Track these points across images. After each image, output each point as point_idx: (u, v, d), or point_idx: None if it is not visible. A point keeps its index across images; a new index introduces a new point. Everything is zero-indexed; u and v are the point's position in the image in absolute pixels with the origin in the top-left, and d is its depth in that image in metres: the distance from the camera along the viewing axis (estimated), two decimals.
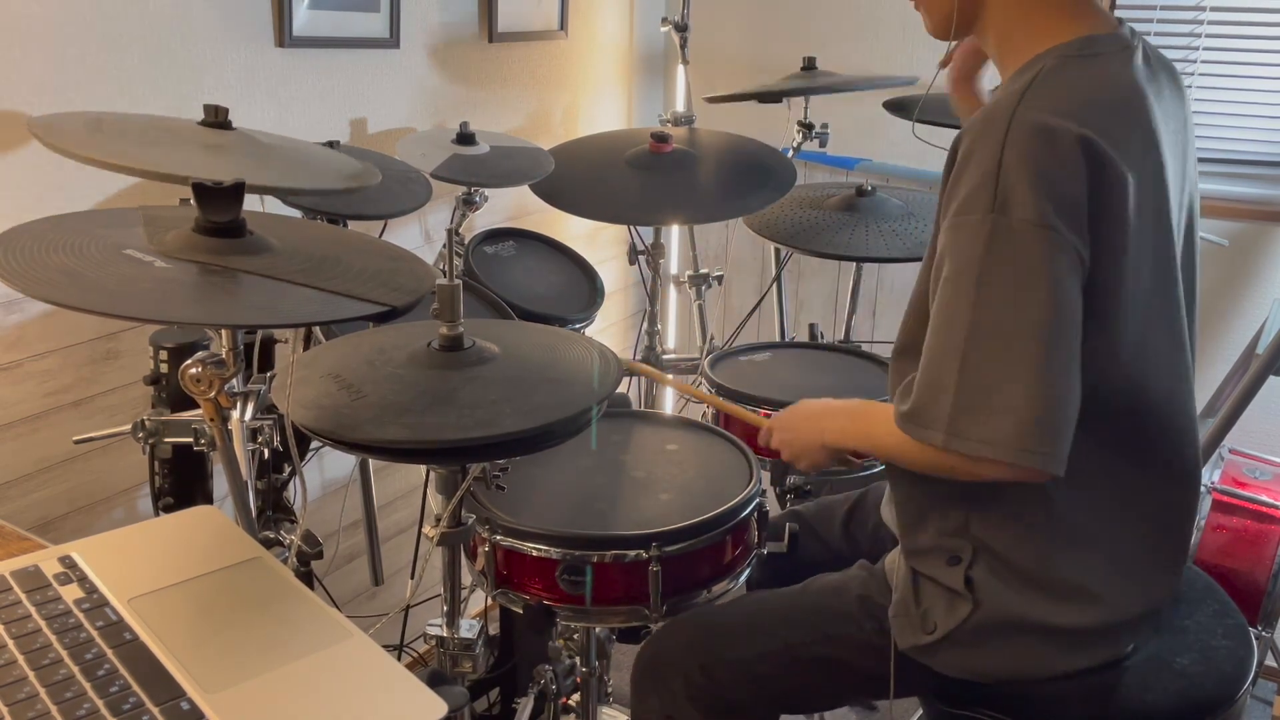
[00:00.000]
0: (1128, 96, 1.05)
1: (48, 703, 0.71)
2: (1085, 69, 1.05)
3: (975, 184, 1.01)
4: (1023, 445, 0.99)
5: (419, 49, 2.04)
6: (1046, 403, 0.99)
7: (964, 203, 1.02)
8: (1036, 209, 0.98)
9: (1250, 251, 2.29)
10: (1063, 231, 0.99)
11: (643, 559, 1.25)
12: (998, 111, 1.02)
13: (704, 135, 2.07)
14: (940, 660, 1.19)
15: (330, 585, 2.02)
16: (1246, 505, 1.82)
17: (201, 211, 1.01)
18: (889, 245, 1.92)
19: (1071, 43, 1.07)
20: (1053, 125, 0.99)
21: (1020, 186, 0.98)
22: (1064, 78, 1.04)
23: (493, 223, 2.24)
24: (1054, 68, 1.05)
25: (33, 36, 1.42)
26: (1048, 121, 0.99)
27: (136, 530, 0.93)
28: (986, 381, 1.00)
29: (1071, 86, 1.03)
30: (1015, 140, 0.99)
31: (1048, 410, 0.99)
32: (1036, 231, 0.98)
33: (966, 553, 1.16)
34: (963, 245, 1.02)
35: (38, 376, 1.50)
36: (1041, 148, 0.99)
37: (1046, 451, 0.99)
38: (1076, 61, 1.06)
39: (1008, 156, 0.99)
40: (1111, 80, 1.06)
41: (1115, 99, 1.04)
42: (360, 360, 1.15)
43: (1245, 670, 1.19)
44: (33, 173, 1.45)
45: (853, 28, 2.59)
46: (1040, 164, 0.98)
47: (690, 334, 2.91)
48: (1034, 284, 0.99)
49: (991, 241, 1.00)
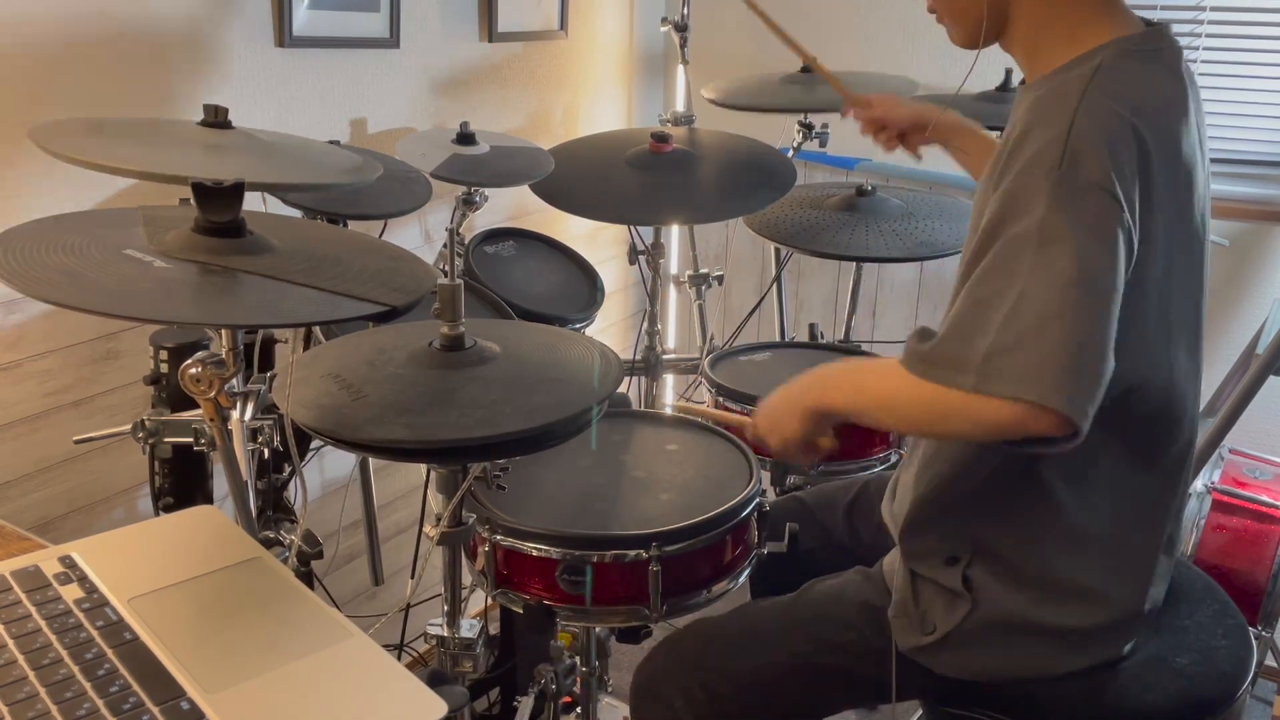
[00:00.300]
0: (1180, 97, 1.06)
1: (48, 703, 0.71)
2: (1143, 65, 1.06)
3: (1043, 145, 0.99)
4: (1063, 389, 0.94)
5: (419, 49, 2.04)
6: (1086, 351, 0.95)
7: (1030, 163, 1.00)
8: (1106, 176, 0.97)
9: (1250, 251, 2.29)
10: (1124, 206, 0.98)
11: (643, 559, 1.25)
12: (1068, 88, 1.02)
13: (704, 135, 2.07)
14: (940, 661, 1.19)
15: (330, 585, 2.02)
16: (1246, 505, 1.82)
17: (201, 211, 1.01)
18: (889, 245, 1.92)
19: (1131, 36, 1.07)
20: (1119, 107, 1.00)
21: (1091, 151, 0.97)
22: (1126, 71, 1.04)
23: (493, 223, 2.24)
24: (1115, 59, 1.05)
25: (33, 37, 1.42)
26: (1115, 103, 1.00)
27: (136, 530, 0.93)
28: (1031, 327, 0.95)
29: (1132, 80, 1.04)
30: (1089, 110, 0.99)
31: (1086, 358, 0.95)
32: (1102, 195, 0.97)
33: (965, 553, 1.16)
34: (1028, 200, 0.99)
35: (38, 376, 1.50)
36: (1114, 123, 0.99)
37: (1076, 396, 0.94)
38: (1136, 56, 1.06)
39: (1079, 121, 0.98)
40: (1167, 79, 1.07)
41: (1169, 99, 1.05)
42: (360, 360, 1.15)
43: (1245, 670, 1.19)
44: (33, 173, 1.45)
45: (853, 28, 2.59)
46: (1114, 139, 0.98)
47: (690, 334, 2.91)
48: (1094, 243, 0.96)
49: (1056, 195, 0.97)
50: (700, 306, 2.35)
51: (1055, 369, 0.94)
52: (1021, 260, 0.98)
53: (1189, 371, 1.13)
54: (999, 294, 0.98)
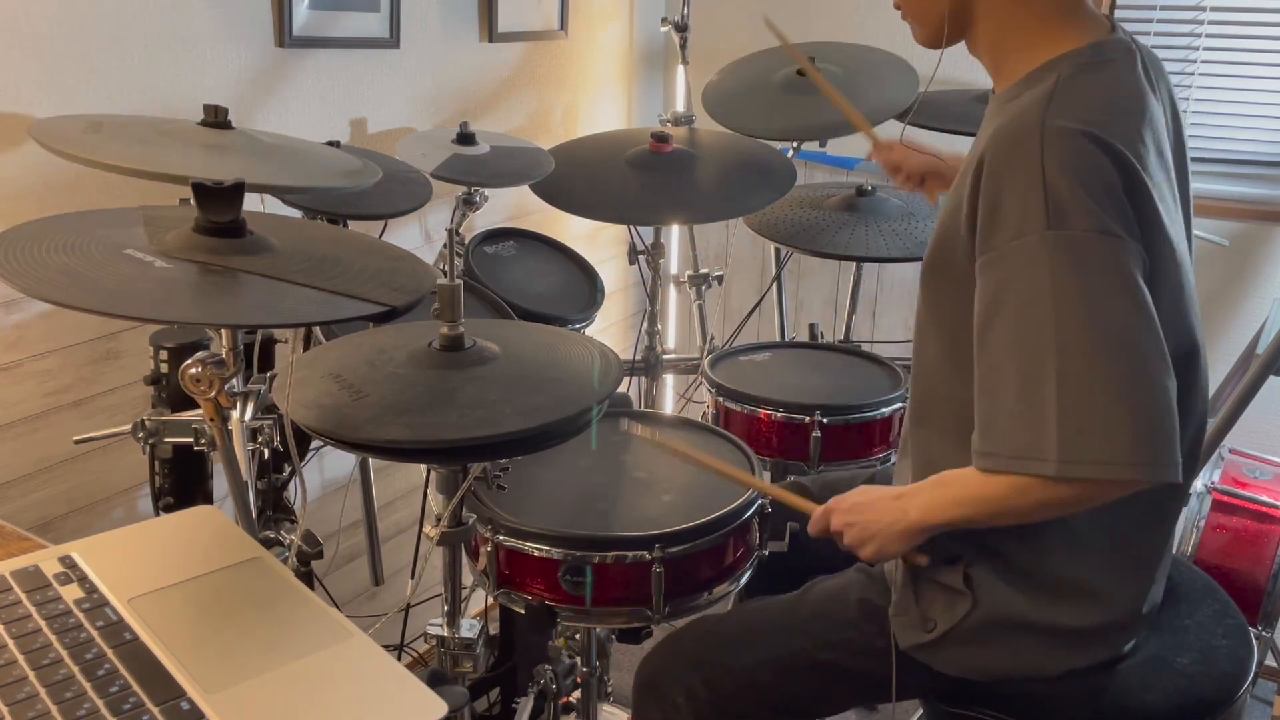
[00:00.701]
0: (1139, 103, 1.05)
1: (48, 703, 0.71)
2: (1100, 76, 1.05)
3: (1022, 206, 0.98)
4: (1142, 458, 0.95)
5: (419, 49, 2.04)
6: (1154, 409, 0.96)
7: (1015, 228, 0.98)
8: (1095, 216, 0.96)
9: (1250, 251, 2.29)
10: (1122, 234, 0.97)
11: (645, 560, 1.25)
12: (1026, 129, 1.00)
13: (704, 135, 2.07)
14: (940, 659, 1.19)
15: (330, 585, 2.02)
16: (1246, 505, 1.82)
17: (201, 211, 1.01)
18: (889, 245, 1.92)
19: (1083, 49, 1.06)
20: (1084, 132, 0.98)
21: (1072, 198, 0.96)
22: (1083, 86, 1.03)
23: (493, 223, 2.24)
24: (1071, 76, 1.04)
25: (33, 37, 1.42)
26: (1079, 129, 0.98)
27: (136, 530, 0.93)
28: (1089, 401, 0.96)
29: (1091, 95, 1.02)
30: (1054, 151, 0.97)
31: (1157, 416, 0.96)
32: (1100, 239, 0.96)
33: (965, 552, 1.16)
34: (1025, 268, 0.98)
35: (38, 376, 1.50)
36: (1082, 156, 0.97)
37: (1165, 460, 0.96)
38: (1091, 69, 1.05)
39: (1050, 170, 0.97)
40: (1124, 87, 1.05)
41: (1130, 106, 1.04)
42: (361, 360, 1.15)
43: (1245, 670, 1.19)
44: (33, 173, 1.45)
45: (853, 27, 2.59)
46: (1085, 171, 0.97)
47: (690, 334, 2.91)
48: (1111, 291, 0.96)
49: (1057, 258, 0.97)
50: (700, 306, 2.35)
51: (1135, 444, 0.95)
52: (1043, 334, 0.97)
53: (1191, 373, 1.13)
54: (1039, 375, 0.97)
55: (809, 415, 1.70)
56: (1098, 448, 0.96)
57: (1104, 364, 0.96)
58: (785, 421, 1.73)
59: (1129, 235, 0.98)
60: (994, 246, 1.01)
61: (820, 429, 1.70)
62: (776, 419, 1.73)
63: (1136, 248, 0.98)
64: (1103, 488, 0.98)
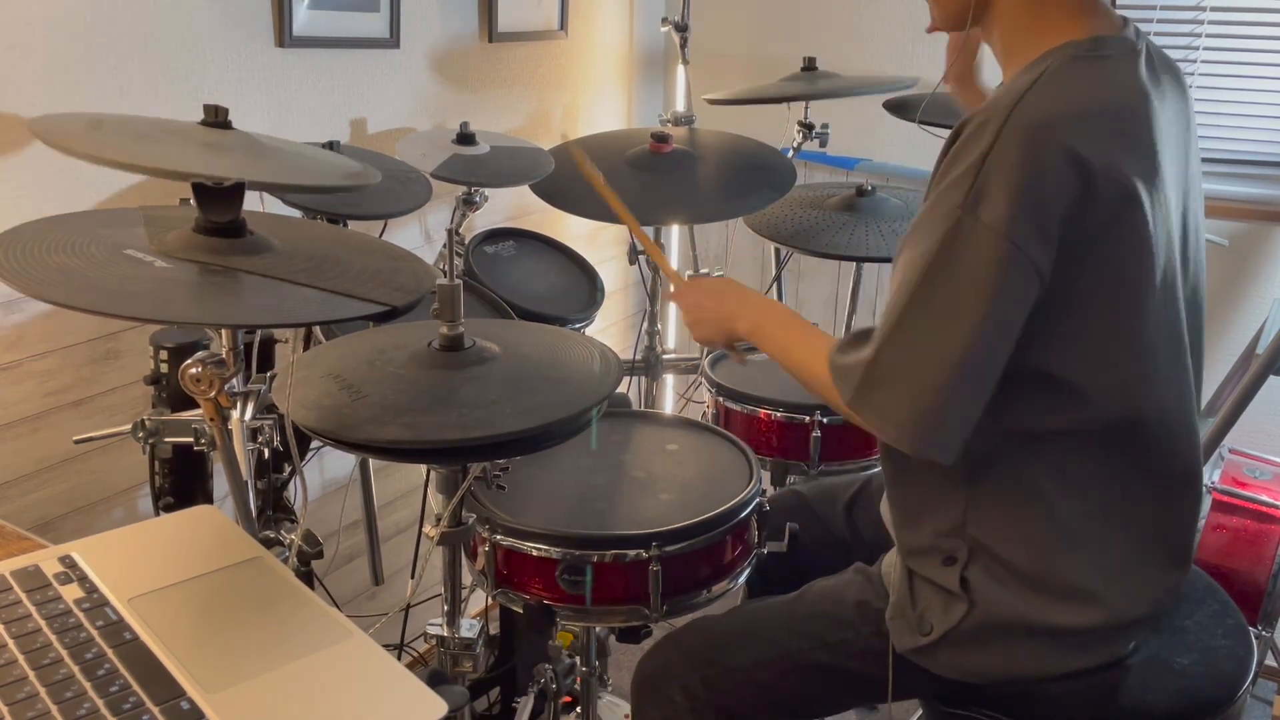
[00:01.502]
0: (1130, 102, 1.04)
1: (48, 702, 0.71)
2: (1091, 71, 1.04)
3: (957, 176, 1.01)
4: (912, 433, 1.04)
5: (419, 49, 2.04)
6: (947, 401, 1.03)
7: (944, 191, 1.02)
8: (1005, 217, 0.98)
9: (1250, 251, 2.29)
10: (1024, 247, 0.98)
11: (643, 559, 1.25)
12: (997, 107, 1.01)
13: (704, 135, 2.07)
14: (938, 662, 1.18)
15: (330, 585, 2.02)
16: (1246, 505, 1.82)
17: (201, 211, 1.01)
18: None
19: (1081, 42, 1.06)
20: (1046, 130, 0.98)
21: (997, 190, 0.98)
22: (1068, 79, 1.03)
23: (493, 223, 2.24)
24: (1059, 68, 1.03)
25: (33, 36, 1.42)
26: (1041, 125, 0.98)
27: (136, 530, 0.93)
28: (900, 364, 1.04)
29: (1074, 89, 1.02)
30: (1006, 140, 0.98)
31: (945, 408, 1.03)
32: (996, 240, 0.98)
33: (962, 553, 1.16)
34: (927, 230, 1.03)
35: (38, 376, 1.50)
36: (1030, 154, 0.98)
37: (933, 444, 1.04)
38: (1083, 63, 1.04)
39: (993, 158, 0.98)
40: (1115, 85, 1.04)
41: (1118, 105, 1.03)
42: (361, 360, 1.15)
43: (1245, 670, 1.19)
44: (33, 173, 1.45)
45: (853, 28, 2.59)
46: (1024, 170, 0.97)
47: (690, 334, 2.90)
48: (975, 288, 1.00)
49: (951, 237, 1.00)
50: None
51: (909, 418, 1.04)
52: (904, 292, 1.04)
53: (1181, 376, 1.13)
54: (887, 322, 1.06)
55: (809, 415, 1.70)
56: (882, 403, 1.06)
57: (927, 342, 1.03)
58: (785, 421, 1.73)
59: (1035, 248, 0.99)
60: (929, 196, 1.05)
61: (820, 429, 1.70)
62: (776, 419, 1.73)
63: (1034, 263, 0.99)
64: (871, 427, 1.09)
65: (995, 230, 0.98)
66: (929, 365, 1.03)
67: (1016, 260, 0.99)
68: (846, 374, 1.10)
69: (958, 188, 1.00)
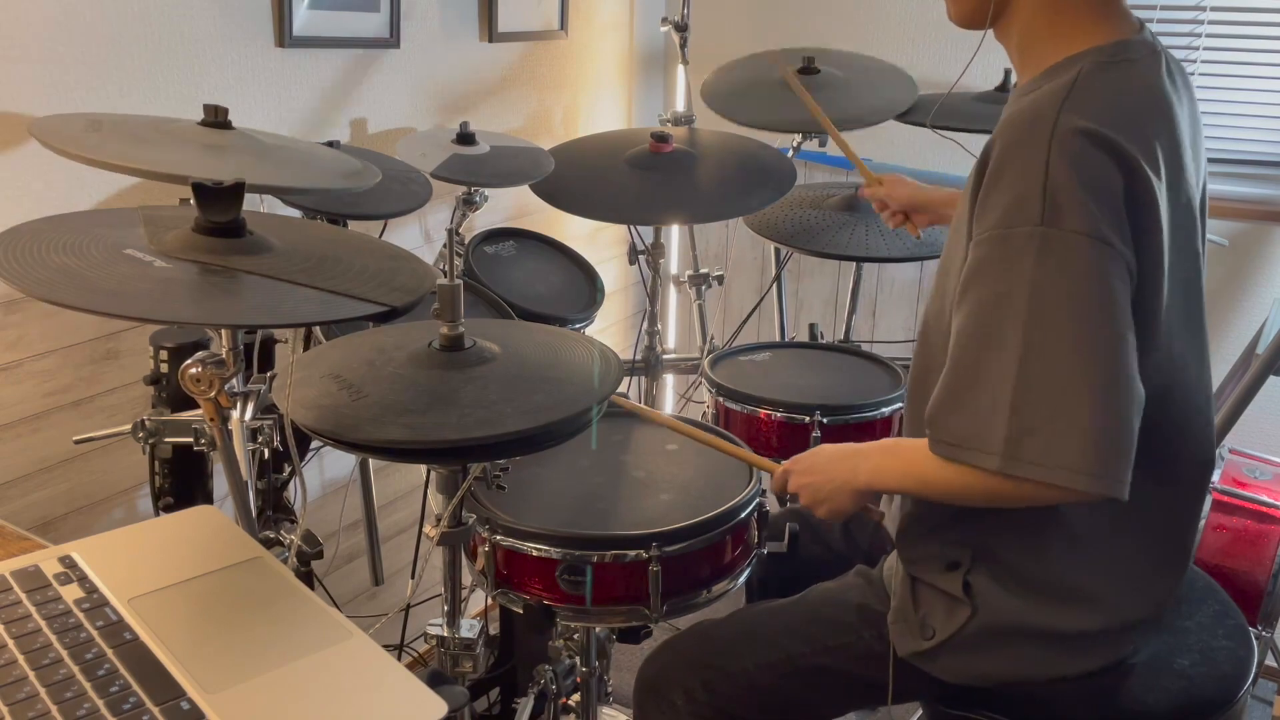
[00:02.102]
0: (1159, 104, 1.04)
1: (48, 702, 0.71)
2: (1121, 75, 1.04)
3: (1019, 194, 0.98)
4: (1087, 469, 0.95)
5: (419, 49, 2.04)
6: (1110, 424, 0.95)
7: (1007, 214, 0.98)
8: (1090, 221, 0.96)
9: (1250, 251, 2.29)
10: (1115, 244, 0.97)
11: (643, 559, 1.25)
12: (1039, 118, 0.99)
13: (704, 135, 2.07)
14: (939, 666, 1.18)
15: (330, 585, 2.02)
16: (1246, 505, 1.82)
17: (201, 211, 1.01)
18: (889, 245, 1.92)
19: (1105, 47, 1.05)
20: (1097, 134, 0.97)
21: (1071, 198, 0.96)
22: (1102, 84, 1.02)
23: (493, 223, 2.24)
24: (1091, 72, 1.03)
25: (33, 36, 1.42)
26: (1092, 130, 0.97)
27: (136, 530, 0.93)
28: (1046, 402, 0.96)
29: (1109, 93, 1.01)
30: (1062, 149, 0.96)
31: (1114, 430, 0.95)
32: (1091, 244, 0.96)
33: (965, 558, 1.16)
34: (1010, 258, 0.98)
35: (38, 376, 1.50)
36: (1089, 157, 0.97)
37: (1112, 475, 0.96)
38: (1113, 67, 1.04)
39: (1055, 166, 0.96)
40: (1145, 88, 1.04)
41: (1149, 107, 1.03)
42: (361, 360, 1.15)
43: (1245, 671, 1.19)
44: (33, 173, 1.45)
45: (853, 28, 2.59)
46: (1090, 174, 0.96)
47: (690, 334, 2.91)
48: (1091, 298, 0.96)
49: (1043, 254, 0.96)
50: (700, 306, 2.35)
51: (1082, 454, 0.95)
52: (1014, 327, 0.97)
53: (1198, 389, 1.12)
54: (1003, 367, 0.97)
55: (809, 415, 1.70)
56: (1044, 450, 0.96)
57: (1067, 369, 0.96)
58: (785, 421, 1.72)
59: (1121, 244, 0.97)
60: (987, 227, 1.00)
61: (820, 429, 1.70)
62: (776, 419, 1.73)
63: (1125, 258, 0.98)
64: (1043, 490, 0.98)
65: (1087, 234, 0.95)
66: (1080, 393, 0.95)
67: (1114, 258, 0.96)
68: (978, 443, 0.99)
69: (1026, 209, 0.97)
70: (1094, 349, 0.96)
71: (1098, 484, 0.95)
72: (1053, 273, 0.96)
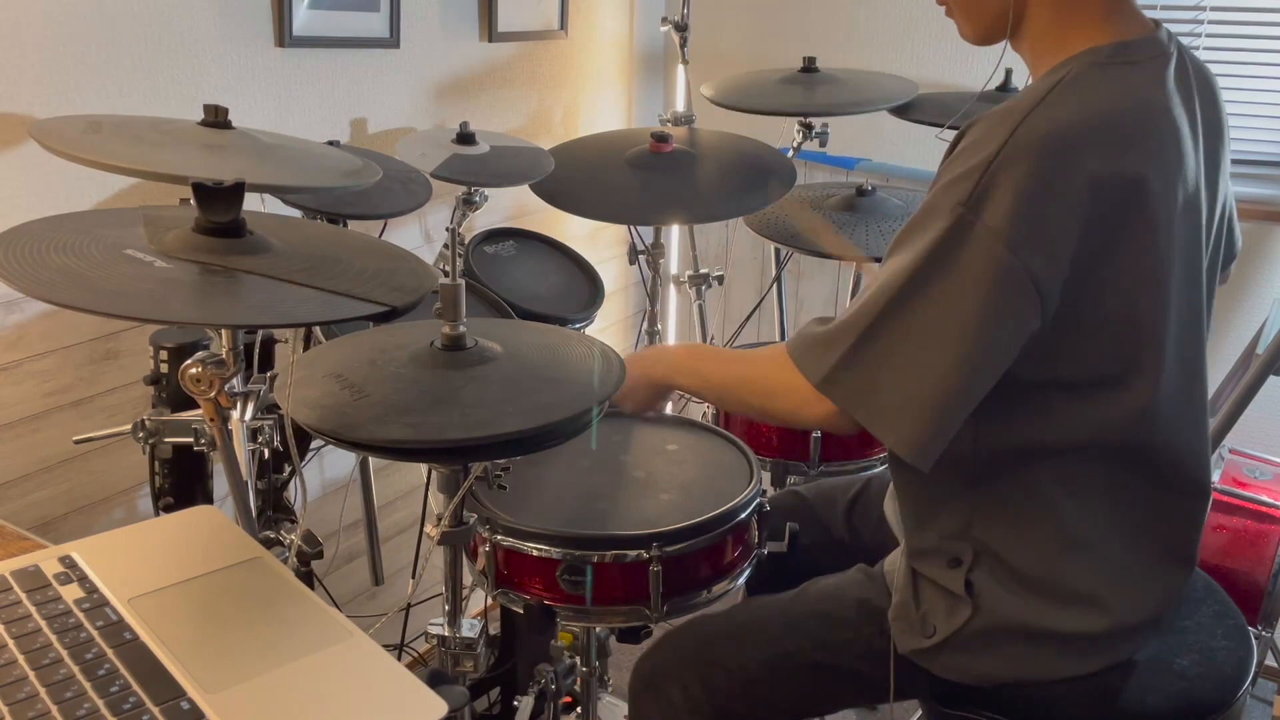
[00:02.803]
0: (1150, 109, 1.01)
1: (48, 702, 0.71)
2: (1110, 78, 1.01)
3: (961, 173, 0.99)
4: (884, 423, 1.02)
5: (419, 49, 2.04)
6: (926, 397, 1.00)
7: (945, 187, 1.00)
8: (1007, 224, 0.96)
9: (1250, 251, 2.29)
10: (1022, 257, 0.96)
11: (643, 559, 1.25)
12: (1014, 110, 0.99)
13: (704, 135, 2.07)
14: (940, 664, 1.18)
15: (330, 585, 2.02)
16: (1246, 505, 1.82)
17: (201, 211, 1.01)
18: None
19: (1102, 48, 1.03)
20: (1058, 143, 0.96)
21: (1002, 194, 0.96)
22: (1084, 88, 1.00)
23: (493, 223, 2.24)
24: (1076, 75, 1.01)
25: (33, 36, 1.42)
26: (1052, 138, 0.96)
27: (136, 530, 0.93)
28: (883, 352, 1.01)
29: (1089, 98, 0.99)
30: (1017, 145, 0.96)
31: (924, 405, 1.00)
32: (995, 247, 0.96)
33: (968, 555, 1.16)
34: (925, 225, 1.01)
35: (38, 376, 1.50)
36: (1039, 165, 0.96)
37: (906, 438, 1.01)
38: (1101, 69, 1.02)
39: (1000, 160, 0.96)
40: (1136, 91, 1.02)
41: (1134, 111, 1.00)
42: (362, 360, 1.15)
43: (1245, 671, 1.19)
44: (33, 173, 1.45)
45: (853, 28, 2.59)
46: (1032, 181, 0.95)
47: (690, 334, 2.91)
48: (966, 297, 0.98)
49: (950, 235, 0.98)
50: (700, 306, 2.35)
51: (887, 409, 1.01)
52: (893, 285, 1.01)
53: (1197, 389, 1.12)
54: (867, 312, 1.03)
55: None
56: (860, 386, 1.03)
57: (919, 338, 0.99)
58: None
59: (1034, 257, 0.96)
60: (931, 191, 1.03)
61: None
62: None
63: (1031, 275, 0.97)
64: (842, 420, 1.05)
65: (996, 233, 0.96)
66: (919, 362, 1.00)
67: (1012, 272, 0.96)
68: (816, 351, 1.05)
69: (959, 187, 0.98)
70: (950, 334, 0.98)
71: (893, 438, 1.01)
72: (946, 258, 0.98)
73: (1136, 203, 0.99)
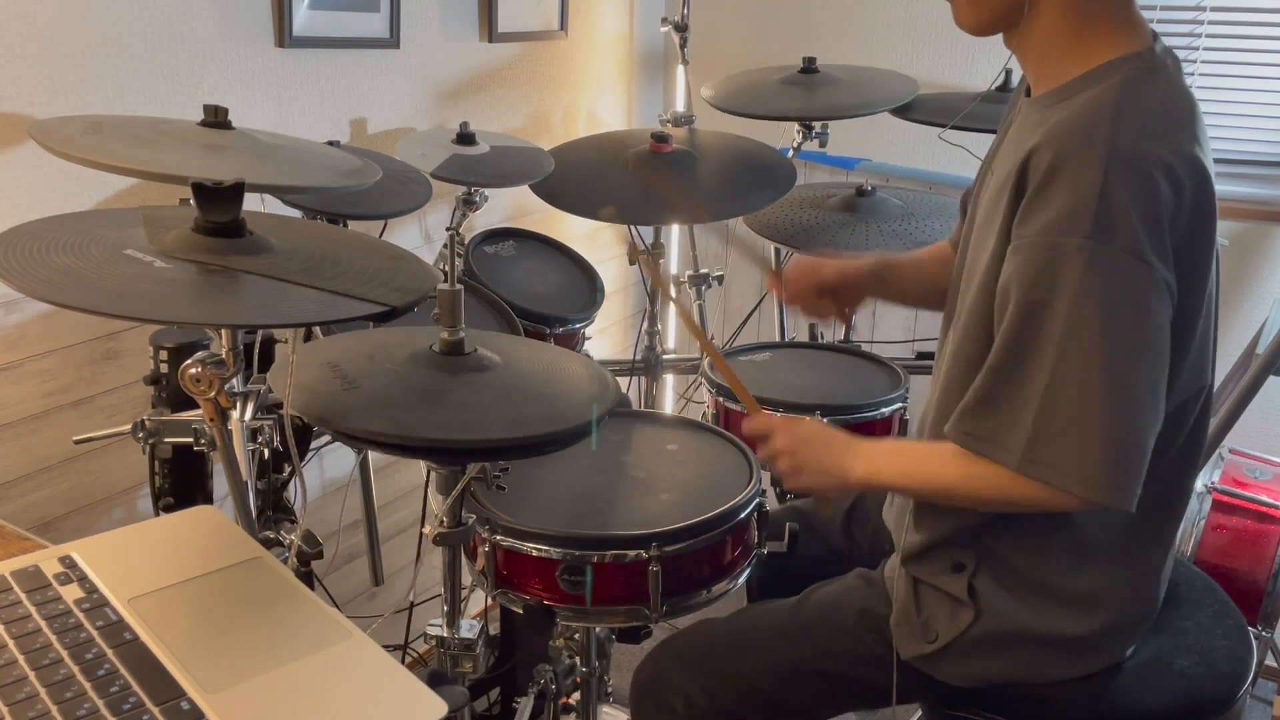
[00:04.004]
0: (1191, 108, 1.04)
1: (48, 703, 0.71)
2: (1158, 84, 1.03)
3: (1071, 205, 0.97)
4: (1102, 480, 0.97)
5: (419, 49, 2.04)
6: (1129, 440, 0.98)
7: (1057, 223, 0.97)
8: (1140, 241, 0.96)
9: (1250, 251, 2.29)
10: (1158, 267, 0.97)
11: (643, 559, 1.25)
12: (1093, 129, 0.98)
13: (704, 135, 2.07)
14: (942, 669, 1.18)
15: (330, 585, 2.02)
16: (1246, 505, 1.82)
17: (201, 211, 1.01)
18: (889, 245, 1.92)
19: (1142, 54, 1.04)
20: (1152, 153, 0.97)
21: (1125, 216, 0.95)
22: (1146, 94, 1.01)
23: (493, 223, 2.24)
24: (1134, 81, 1.01)
25: (33, 36, 1.42)
26: (1147, 148, 0.97)
27: (136, 530, 0.94)
28: (1071, 411, 0.98)
29: (1155, 105, 1.01)
30: (1119, 165, 0.95)
31: (1130, 447, 0.98)
32: (1137, 265, 0.96)
33: (970, 560, 1.16)
34: (1055, 266, 0.98)
35: (38, 376, 1.50)
36: (1145, 178, 0.96)
37: (1123, 488, 0.98)
38: (1149, 76, 1.03)
39: (1112, 182, 0.95)
40: (1178, 93, 1.04)
41: (1184, 113, 1.03)
42: (362, 354, 1.16)
43: (1245, 671, 1.19)
44: (33, 173, 1.45)
45: (853, 28, 2.59)
46: (1145, 195, 0.96)
47: (690, 334, 2.91)
48: (1130, 316, 0.97)
49: (1090, 268, 0.96)
50: (700, 306, 2.35)
51: (1098, 465, 0.97)
52: (1051, 335, 0.98)
53: (1207, 382, 1.13)
54: (1037, 372, 0.99)
55: (809, 415, 1.70)
56: (1063, 456, 0.98)
57: (1096, 382, 0.97)
58: None
59: (1164, 268, 0.97)
60: (1031, 234, 1.00)
61: None
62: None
63: (1167, 282, 0.98)
64: (1056, 496, 1.00)
65: (1135, 255, 0.96)
66: (1106, 406, 0.97)
67: (1157, 281, 0.97)
68: (997, 438, 1.01)
69: (1077, 221, 0.96)
70: (1122, 367, 0.97)
71: (1108, 495, 0.98)
72: (1096, 287, 0.96)
73: (1207, 199, 1.00)
